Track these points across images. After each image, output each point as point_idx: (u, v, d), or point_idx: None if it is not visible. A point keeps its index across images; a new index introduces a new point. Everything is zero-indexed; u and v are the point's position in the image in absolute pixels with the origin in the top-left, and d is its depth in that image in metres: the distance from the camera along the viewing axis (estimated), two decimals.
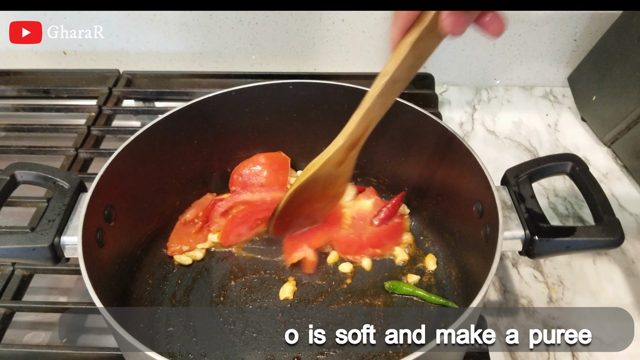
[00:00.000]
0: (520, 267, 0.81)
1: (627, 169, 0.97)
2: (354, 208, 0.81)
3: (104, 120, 1.00)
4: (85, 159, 0.92)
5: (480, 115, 1.10)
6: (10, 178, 0.64)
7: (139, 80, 1.11)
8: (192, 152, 0.79)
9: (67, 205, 0.62)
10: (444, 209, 0.76)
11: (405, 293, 0.72)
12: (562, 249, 0.59)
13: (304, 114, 0.81)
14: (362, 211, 0.80)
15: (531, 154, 1.01)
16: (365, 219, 0.79)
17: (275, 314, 0.71)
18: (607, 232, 0.59)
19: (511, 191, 0.64)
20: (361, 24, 1.08)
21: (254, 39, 1.11)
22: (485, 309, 0.75)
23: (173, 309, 0.71)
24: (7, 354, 0.66)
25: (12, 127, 1.01)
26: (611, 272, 0.80)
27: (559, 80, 1.16)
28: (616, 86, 0.96)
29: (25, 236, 0.59)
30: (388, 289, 0.73)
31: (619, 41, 0.98)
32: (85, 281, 0.55)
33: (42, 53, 1.14)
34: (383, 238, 0.77)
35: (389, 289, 0.73)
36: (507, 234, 0.60)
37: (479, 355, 0.65)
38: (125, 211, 0.70)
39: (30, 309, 0.73)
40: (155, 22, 1.08)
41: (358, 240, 0.77)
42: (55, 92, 1.06)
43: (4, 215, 0.88)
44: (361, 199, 0.81)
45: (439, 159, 0.74)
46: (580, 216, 0.88)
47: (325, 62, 1.14)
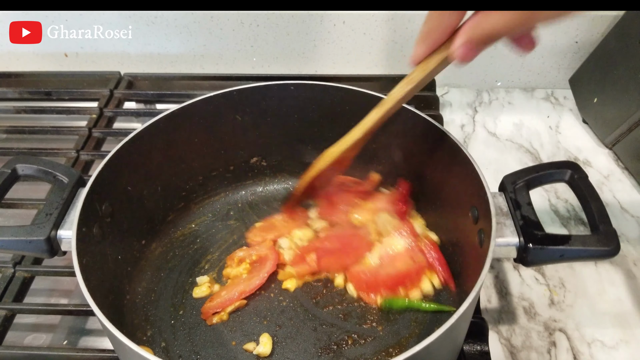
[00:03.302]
0: (521, 270, 0.81)
1: (628, 171, 0.97)
2: (384, 246, 0.75)
3: (105, 122, 1.00)
4: (86, 160, 0.93)
5: (482, 117, 1.10)
6: (11, 171, 0.65)
7: (140, 83, 1.12)
8: (192, 151, 0.79)
9: (65, 199, 0.63)
10: (441, 213, 0.76)
11: (402, 307, 0.71)
12: (556, 257, 0.59)
13: (305, 115, 0.81)
14: (392, 250, 0.74)
15: (532, 156, 1.01)
16: (393, 260, 0.73)
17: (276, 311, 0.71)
18: (602, 241, 0.58)
19: (507, 198, 0.64)
20: (362, 26, 1.08)
21: (255, 41, 1.11)
22: (487, 311, 0.75)
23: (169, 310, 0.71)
24: (8, 356, 0.66)
25: (14, 129, 1.02)
26: (612, 275, 0.80)
27: (560, 82, 1.16)
28: (617, 88, 0.96)
29: (23, 229, 0.60)
30: (384, 308, 0.71)
31: (620, 43, 0.98)
32: (77, 274, 0.55)
33: (44, 55, 1.14)
34: (404, 280, 0.72)
35: (384, 307, 0.71)
36: (501, 241, 0.60)
37: (479, 356, 0.65)
38: (123, 208, 0.70)
39: (31, 311, 0.73)
40: (157, 24, 1.09)
41: (374, 279, 0.72)
42: (57, 94, 1.06)
43: (5, 217, 0.88)
44: (395, 237, 0.75)
45: (437, 163, 0.74)
46: (582, 218, 0.88)
47: (326, 64, 1.14)
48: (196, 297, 0.73)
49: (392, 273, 0.72)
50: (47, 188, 0.87)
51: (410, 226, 0.76)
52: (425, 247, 0.74)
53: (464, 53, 0.51)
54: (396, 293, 0.72)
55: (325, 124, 0.80)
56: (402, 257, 0.73)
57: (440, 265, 0.73)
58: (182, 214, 0.83)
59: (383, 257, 0.74)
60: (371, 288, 0.72)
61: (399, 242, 0.75)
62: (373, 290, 0.72)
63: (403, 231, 0.75)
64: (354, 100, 0.76)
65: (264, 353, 0.66)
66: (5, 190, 0.64)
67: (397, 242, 0.75)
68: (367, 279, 0.72)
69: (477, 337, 0.65)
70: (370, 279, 0.72)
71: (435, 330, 0.49)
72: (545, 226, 0.60)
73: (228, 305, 0.71)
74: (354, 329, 0.69)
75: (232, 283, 0.74)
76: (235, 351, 0.67)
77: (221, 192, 0.86)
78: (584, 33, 1.07)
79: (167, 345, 0.67)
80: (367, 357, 0.66)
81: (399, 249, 0.74)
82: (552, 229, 0.85)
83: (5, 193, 0.64)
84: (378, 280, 0.72)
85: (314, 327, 0.69)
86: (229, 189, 0.87)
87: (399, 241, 0.75)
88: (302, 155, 0.84)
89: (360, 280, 0.73)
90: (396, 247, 0.74)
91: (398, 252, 0.74)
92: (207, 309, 0.71)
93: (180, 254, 0.78)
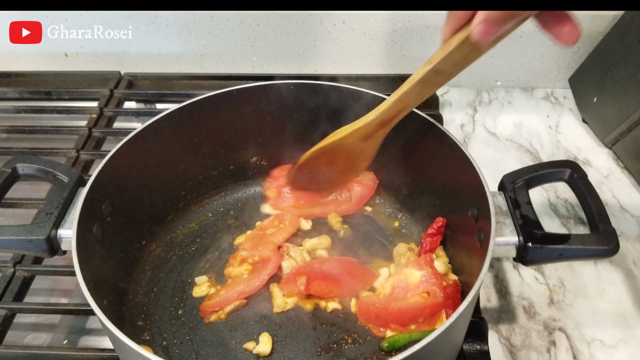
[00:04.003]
0: (521, 269, 0.81)
1: (628, 170, 0.97)
2: (400, 276, 0.70)
3: (105, 121, 1.00)
4: (86, 160, 0.93)
5: (481, 117, 1.10)
6: (11, 171, 0.65)
7: (140, 82, 1.12)
8: (192, 150, 0.80)
9: (65, 198, 0.63)
10: (441, 213, 0.76)
11: (405, 342, 0.65)
12: (555, 256, 0.59)
13: (305, 114, 0.81)
14: (406, 282, 0.69)
15: (532, 155, 1.01)
16: (406, 292, 0.69)
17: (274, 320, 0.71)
18: (601, 241, 0.58)
19: (507, 197, 0.64)
20: (362, 26, 1.08)
21: (255, 41, 1.11)
22: (487, 310, 0.75)
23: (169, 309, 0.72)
24: (9, 355, 0.66)
25: (14, 128, 1.02)
26: (612, 274, 0.80)
27: (560, 81, 1.16)
28: (617, 88, 0.96)
29: (23, 228, 0.60)
30: (387, 348, 0.66)
31: (619, 43, 0.98)
32: (77, 273, 0.55)
33: (44, 55, 1.14)
34: (417, 315, 0.66)
35: (387, 348, 0.66)
36: (500, 240, 0.60)
37: (479, 356, 0.65)
38: (123, 207, 0.70)
39: (31, 311, 0.73)
40: (157, 24, 1.09)
41: (384, 312, 0.67)
42: (57, 93, 1.07)
43: (5, 217, 0.88)
44: (411, 268, 0.70)
45: (437, 162, 0.74)
46: (581, 218, 0.88)
47: (326, 64, 1.14)
48: (196, 296, 0.73)
49: (404, 307, 0.66)
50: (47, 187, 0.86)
51: (430, 261, 0.70)
52: (446, 285, 0.68)
53: (483, 31, 0.49)
54: (406, 328, 0.66)
55: (325, 124, 0.80)
56: (417, 290, 0.67)
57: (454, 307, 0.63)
58: (182, 214, 0.83)
59: (396, 287, 0.69)
60: (381, 321, 0.67)
61: (414, 275, 0.69)
62: (382, 324, 0.67)
63: (422, 263, 0.70)
64: (354, 100, 0.76)
65: (264, 352, 0.66)
66: (6, 189, 0.65)
67: (413, 274, 0.69)
68: (377, 310, 0.67)
69: (476, 336, 0.65)
70: (380, 311, 0.67)
71: (435, 330, 0.49)
72: (545, 225, 0.60)
73: (226, 304, 0.71)
74: (354, 328, 0.69)
75: (233, 283, 0.74)
76: (235, 350, 0.67)
77: (221, 192, 0.86)
78: (584, 33, 1.07)
79: (167, 344, 0.68)
80: (367, 357, 0.66)
81: (414, 281, 0.68)
82: (551, 228, 0.86)
83: (5, 192, 0.65)
84: (388, 313, 0.66)
85: (314, 327, 0.69)
86: (229, 189, 0.87)
87: (415, 273, 0.69)
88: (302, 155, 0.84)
89: (369, 312, 0.68)
90: (411, 279, 0.69)
91: (413, 285, 0.68)
92: (206, 307, 0.71)
93: (180, 254, 0.79)
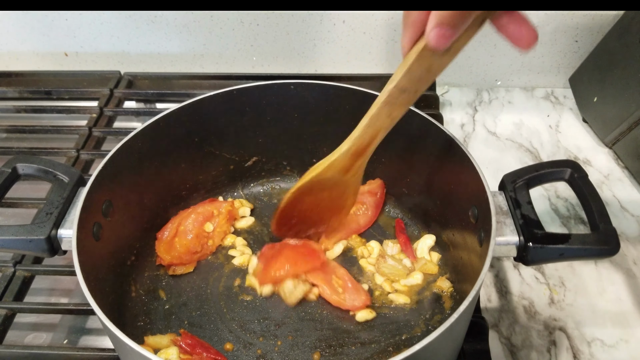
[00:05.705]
0: (521, 269, 0.81)
1: (628, 170, 0.97)
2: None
3: (105, 121, 1.00)
4: (86, 160, 0.93)
5: (482, 117, 1.10)
6: (11, 171, 0.65)
7: (140, 82, 1.12)
8: (192, 150, 0.79)
9: (65, 198, 0.63)
10: (441, 212, 0.76)
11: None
12: (556, 256, 0.59)
13: (305, 114, 0.81)
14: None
15: (532, 155, 1.01)
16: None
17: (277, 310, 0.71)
18: (602, 240, 0.58)
19: (507, 196, 0.63)
20: (362, 26, 1.08)
21: (255, 41, 1.11)
22: (487, 310, 0.75)
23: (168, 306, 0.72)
24: (9, 355, 0.66)
25: (14, 128, 1.02)
26: (612, 274, 0.80)
27: (560, 81, 1.16)
28: (617, 87, 0.96)
29: (23, 228, 0.60)
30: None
31: (620, 42, 0.98)
32: (77, 273, 0.55)
33: (44, 55, 1.14)
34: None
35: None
36: (500, 240, 0.59)
37: (479, 355, 0.65)
38: (123, 207, 0.70)
39: (31, 310, 0.73)
40: (157, 24, 1.09)
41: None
42: (57, 93, 1.07)
43: (6, 217, 0.89)
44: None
45: (437, 162, 0.74)
46: (582, 217, 0.88)
47: (326, 64, 1.14)
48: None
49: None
50: (47, 187, 0.87)
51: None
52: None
53: (436, 36, 0.45)
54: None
55: (325, 123, 0.80)
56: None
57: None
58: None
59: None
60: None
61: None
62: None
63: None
64: (354, 100, 0.76)
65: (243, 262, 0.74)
66: (6, 189, 0.64)
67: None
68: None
69: (477, 336, 0.65)
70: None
71: (435, 330, 0.49)
72: (545, 225, 0.60)
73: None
74: (354, 328, 0.69)
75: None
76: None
77: (221, 191, 0.86)
78: (584, 32, 1.07)
79: None
80: (367, 357, 0.66)
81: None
82: (552, 228, 0.86)
83: (5, 192, 0.64)
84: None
85: (314, 327, 0.69)
86: (229, 189, 0.87)
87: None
88: (302, 155, 0.84)
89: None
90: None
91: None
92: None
93: None
